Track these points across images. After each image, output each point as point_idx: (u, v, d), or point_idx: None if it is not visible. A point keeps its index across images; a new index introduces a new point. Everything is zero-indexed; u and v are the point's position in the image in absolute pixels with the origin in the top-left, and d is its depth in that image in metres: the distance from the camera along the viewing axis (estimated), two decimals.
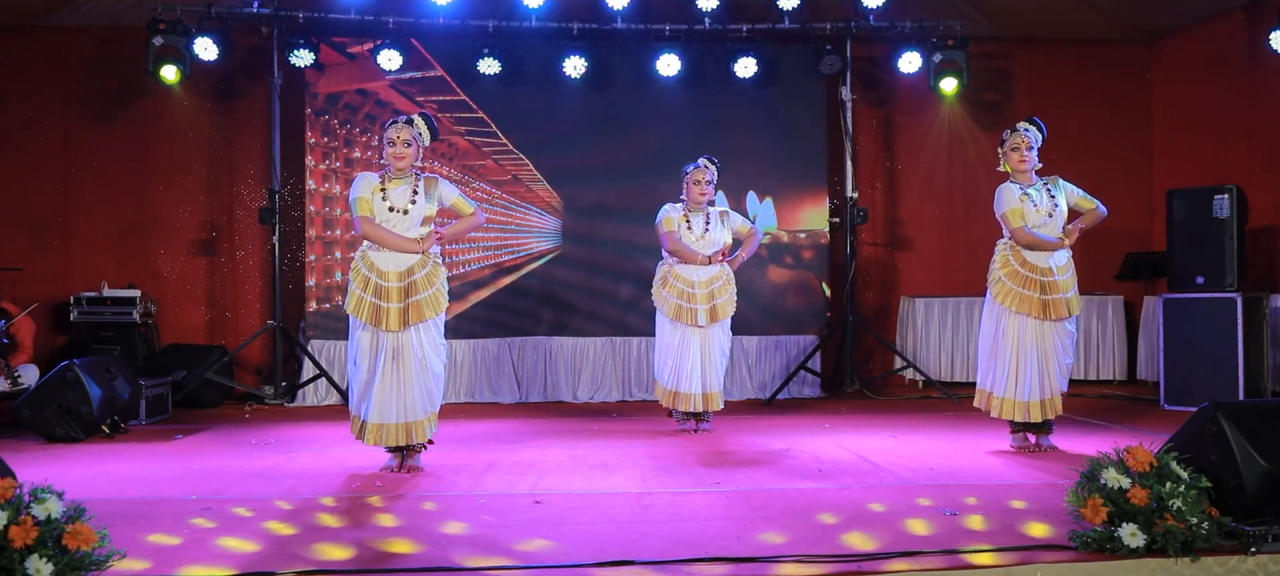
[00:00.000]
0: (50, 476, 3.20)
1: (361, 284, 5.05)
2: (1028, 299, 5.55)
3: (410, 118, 5.20)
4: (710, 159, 6.50)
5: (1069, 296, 5.58)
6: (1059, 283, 5.56)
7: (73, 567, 2.90)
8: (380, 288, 5.01)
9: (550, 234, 9.08)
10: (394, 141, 5.12)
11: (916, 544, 3.54)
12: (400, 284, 5.02)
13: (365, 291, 5.03)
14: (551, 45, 8.73)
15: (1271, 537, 3.34)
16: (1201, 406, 3.66)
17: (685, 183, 6.48)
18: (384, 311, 4.98)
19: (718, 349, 6.48)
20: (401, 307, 5.00)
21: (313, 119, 8.83)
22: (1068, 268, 5.64)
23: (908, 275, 9.67)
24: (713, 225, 6.45)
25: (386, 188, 5.10)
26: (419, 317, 5.01)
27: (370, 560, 3.45)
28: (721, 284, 6.46)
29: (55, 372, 6.29)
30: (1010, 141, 5.69)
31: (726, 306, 6.46)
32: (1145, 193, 9.66)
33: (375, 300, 5.00)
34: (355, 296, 5.05)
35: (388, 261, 5.05)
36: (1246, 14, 8.64)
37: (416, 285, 5.04)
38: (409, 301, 5.01)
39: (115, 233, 8.93)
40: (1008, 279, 5.63)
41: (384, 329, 4.98)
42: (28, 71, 8.81)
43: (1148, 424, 6.68)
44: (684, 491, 4.61)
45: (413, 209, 5.06)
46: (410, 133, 5.14)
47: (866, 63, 9.41)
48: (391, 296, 4.99)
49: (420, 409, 5.04)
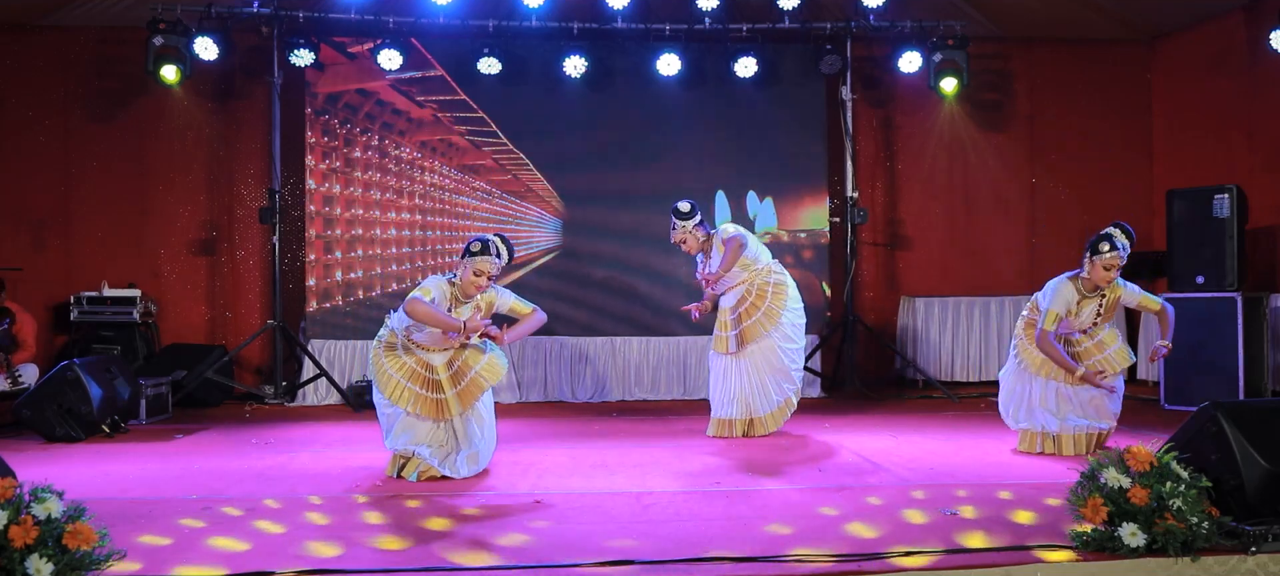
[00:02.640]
0: (50, 476, 3.20)
1: (407, 374, 4.95)
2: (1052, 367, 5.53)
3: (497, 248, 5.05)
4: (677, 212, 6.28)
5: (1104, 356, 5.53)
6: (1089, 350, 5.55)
7: (73, 567, 2.90)
8: (429, 380, 4.96)
9: (550, 234, 9.08)
10: (481, 272, 4.98)
11: (915, 542, 3.54)
12: (449, 372, 4.99)
13: (412, 381, 4.94)
14: (551, 45, 8.73)
15: (1271, 537, 3.34)
16: (1201, 406, 3.67)
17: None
18: (443, 403, 4.96)
19: (763, 371, 6.25)
20: (457, 393, 4.97)
21: (313, 119, 8.83)
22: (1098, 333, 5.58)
23: (908, 275, 9.67)
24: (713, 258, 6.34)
25: (453, 307, 5.03)
26: (479, 391, 5.01)
27: (369, 559, 3.45)
28: (748, 306, 6.26)
29: (55, 372, 6.29)
30: (1107, 258, 5.39)
31: (756, 328, 6.21)
32: (1145, 193, 9.66)
33: (428, 393, 4.94)
34: (397, 385, 4.93)
35: (437, 357, 5.02)
36: (1246, 14, 8.63)
37: (467, 363, 5.01)
38: (462, 386, 4.97)
39: (115, 233, 8.93)
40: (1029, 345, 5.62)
41: (446, 419, 4.98)
42: (28, 71, 8.81)
43: (1148, 424, 6.68)
44: (684, 491, 4.60)
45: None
46: (497, 267, 5.04)
47: (866, 63, 9.41)
48: (443, 387, 4.96)
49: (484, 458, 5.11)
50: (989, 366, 9.25)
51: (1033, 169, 9.74)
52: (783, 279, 6.36)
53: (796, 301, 6.39)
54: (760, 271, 6.32)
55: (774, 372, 6.27)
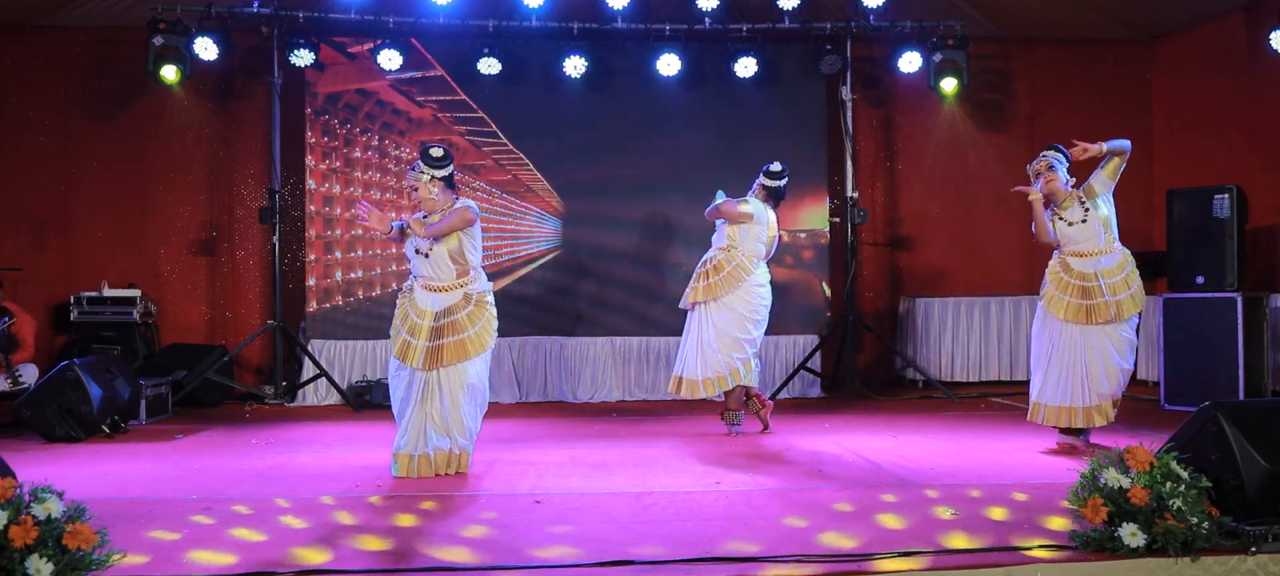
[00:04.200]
0: (50, 476, 3.20)
1: (401, 317, 5.14)
2: (1071, 305, 5.62)
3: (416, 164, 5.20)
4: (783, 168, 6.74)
5: (1118, 299, 5.61)
6: (1104, 287, 5.62)
7: (73, 567, 2.90)
8: (414, 325, 5.06)
9: (550, 234, 9.08)
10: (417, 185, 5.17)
11: (916, 543, 3.54)
12: (434, 323, 5.05)
13: (403, 326, 5.10)
14: (551, 45, 8.73)
15: (1271, 537, 3.34)
16: (1201, 406, 3.66)
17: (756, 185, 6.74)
18: (412, 349, 5.02)
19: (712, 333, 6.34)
20: (431, 347, 5.01)
21: (313, 119, 8.83)
22: (1116, 272, 5.68)
23: (908, 275, 9.66)
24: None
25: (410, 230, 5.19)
26: (456, 358, 5.01)
27: (368, 559, 3.45)
28: (717, 262, 6.41)
29: (55, 372, 6.29)
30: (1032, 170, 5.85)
31: (719, 286, 6.34)
32: (1145, 193, 9.65)
33: (407, 337, 5.05)
34: (393, 330, 5.15)
35: (427, 300, 5.10)
36: (1246, 14, 8.63)
37: (456, 325, 5.05)
38: (443, 342, 5.01)
39: (115, 233, 8.93)
40: (1053, 285, 5.73)
41: (411, 366, 5.02)
42: (28, 71, 8.81)
43: (1148, 424, 6.68)
44: (684, 491, 4.61)
45: (434, 251, 5.11)
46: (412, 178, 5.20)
47: (866, 63, 9.41)
48: (421, 333, 5.02)
49: (447, 445, 5.04)
50: (989, 366, 9.25)
51: None
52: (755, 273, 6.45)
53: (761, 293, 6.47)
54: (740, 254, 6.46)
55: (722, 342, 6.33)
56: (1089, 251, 5.67)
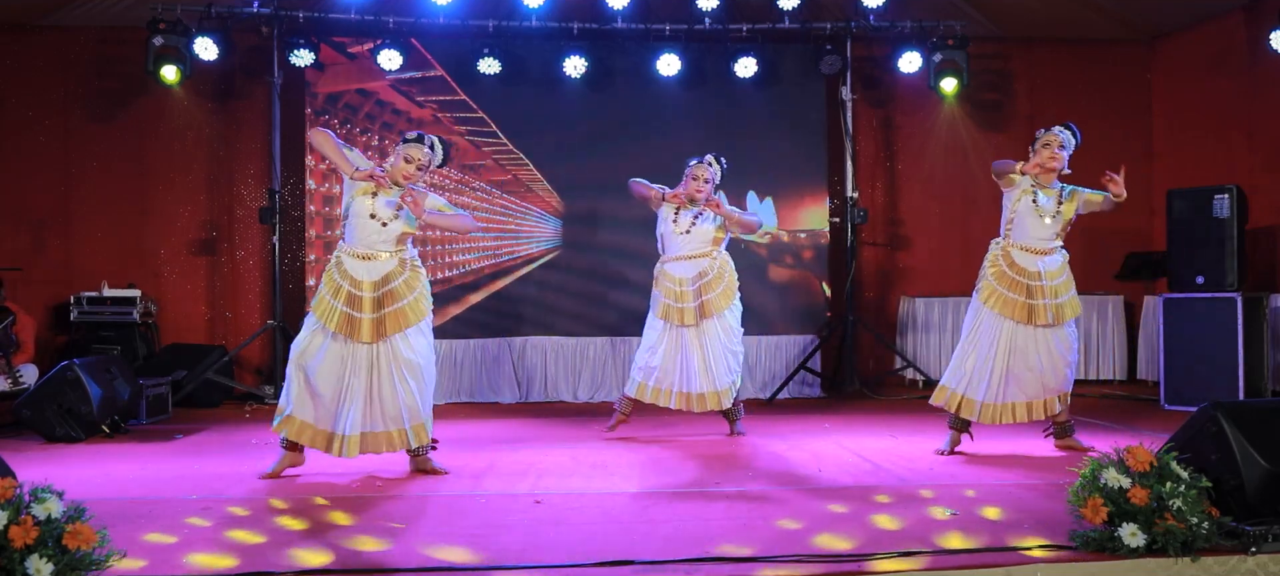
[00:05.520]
0: (50, 476, 3.20)
1: (333, 291, 4.93)
2: (1011, 302, 5.50)
3: (431, 140, 5.09)
4: (718, 158, 6.38)
5: (1059, 302, 5.50)
6: (1046, 287, 5.50)
7: (73, 567, 2.89)
8: (353, 297, 4.90)
9: (550, 234, 9.08)
10: (410, 159, 5.00)
11: (915, 543, 3.54)
12: (375, 294, 4.92)
13: (336, 299, 4.90)
14: (551, 45, 8.73)
15: (1272, 537, 3.34)
16: (1201, 406, 3.66)
17: (685, 175, 6.35)
18: (357, 322, 4.87)
19: (719, 346, 6.25)
20: (376, 319, 4.88)
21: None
22: (1059, 273, 5.57)
23: (908, 275, 9.67)
24: (702, 220, 6.31)
25: (377, 192, 5.00)
26: (398, 327, 4.91)
27: (369, 559, 3.45)
28: (712, 277, 6.28)
29: (55, 372, 6.29)
30: (1042, 138, 5.58)
31: (719, 301, 6.23)
32: (1145, 193, 9.64)
33: (347, 309, 4.88)
34: (325, 302, 4.91)
35: (363, 270, 4.95)
36: (1246, 14, 8.63)
37: (395, 293, 4.94)
38: (386, 311, 4.90)
39: (115, 233, 8.93)
40: (994, 279, 5.59)
41: (356, 340, 4.86)
42: (28, 71, 8.81)
43: (1148, 424, 6.68)
44: (684, 491, 4.60)
45: (392, 224, 4.98)
46: (426, 155, 5.04)
47: (866, 63, 9.41)
48: (365, 306, 4.89)
49: (406, 418, 4.94)
50: None
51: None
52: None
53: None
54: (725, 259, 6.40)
55: (727, 353, 6.28)
56: (1037, 249, 5.56)
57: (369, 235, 4.98)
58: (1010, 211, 5.68)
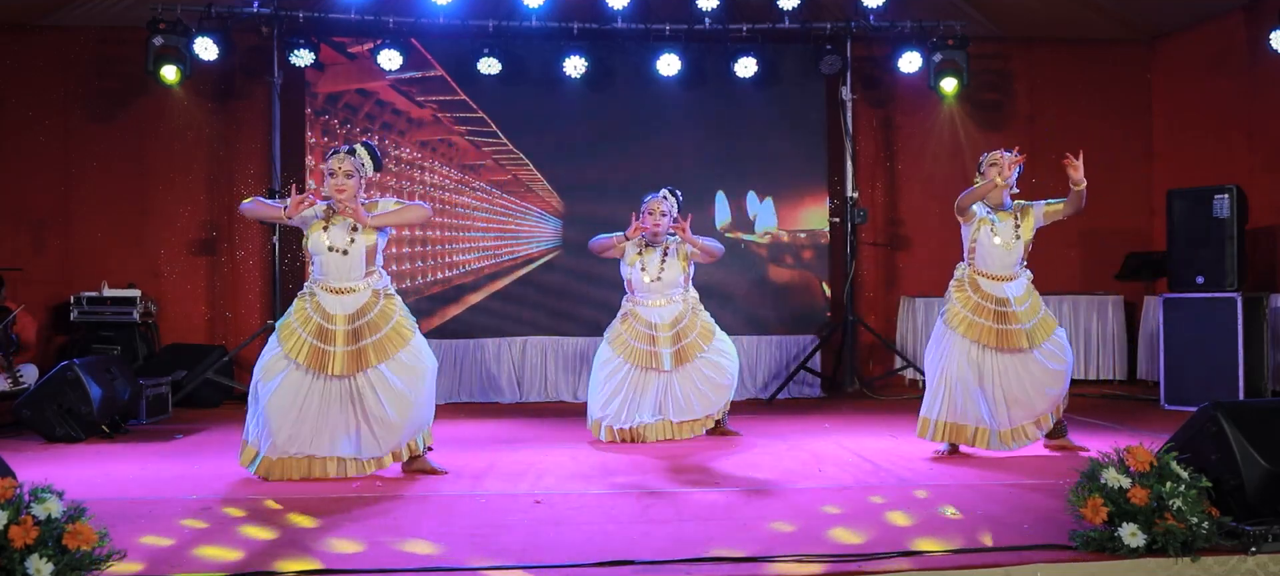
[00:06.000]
0: (50, 476, 3.20)
1: (302, 320, 4.84)
2: (978, 326, 5.42)
3: (352, 147, 4.93)
4: (672, 191, 6.26)
5: (1030, 326, 5.42)
6: (1015, 314, 5.43)
7: (73, 567, 2.89)
8: (325, 330, 4.80)
9: (550, 234, 9.08)
10: (335, 172, 4.84)
11: (915, 543, 3.54)
12: (349, 327, 4.83)
13: (304, 328, 4.81)
14: (551, 45, 8.73)
15: (1271, 537, 3.34)
16: (1201, 406, 3.66)
17: (641, 210, 6.22)
18: (328, 355, 4.77)
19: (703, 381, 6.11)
20: (352, 351, 4.79)
21: (313, 119, 8.83)
22: (1026, 298, 5.50)
23: (908, 275, 9.66)
24: (669, 262, 6.22)
25: (329, 224, 4.88)
26: (383, 355, 4.80)
27: (368, 559, 3.45)
28: (687, 322, 6.18)
29: (55, 372, 6.28)
30: (989, 158, 5.52)
31: (697, 343, 6.12)
32: (1145, 193, 9.66)
33: (317, 342, 4.78)
34: (293, 333, 4.81)
35: (336, 304, 4.86)
36: (1246, 14, 8.63)
37: (372, 323, 4.84)
38: (364, 343, 4.81)
39: (115, 233, 8.93)
40: (960, 304, 5.52)
41: (328, 374, 4.76)
42: (28, 71, 8.81)
43: (1148, 424, 6.68)
44: (684, 491, 4.60)
45: (352, 248, 4.87)
46: (352, 164, 4.86)
47: (866, 63, 9.41)
48: (337, 339, 4.79)
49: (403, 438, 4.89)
50: None
51: (1033, 169, 9.69)
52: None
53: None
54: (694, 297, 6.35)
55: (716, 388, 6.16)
56: (1001, 275, 5.51)
57: (335, 268, 4.89)
58: (970, 242, 5.61)
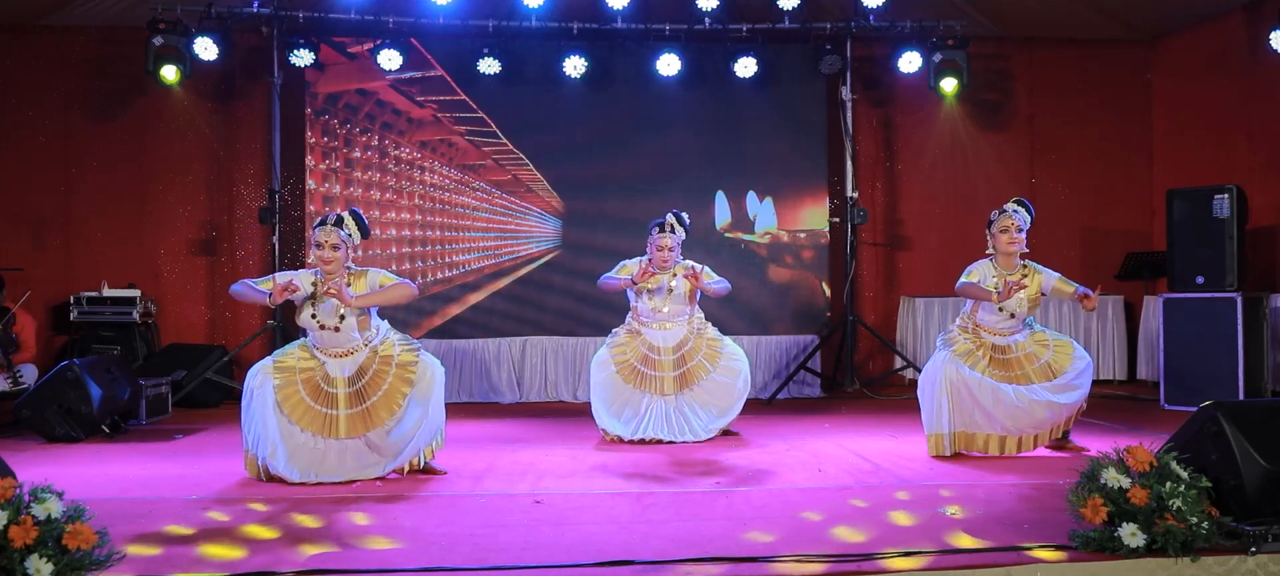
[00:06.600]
0: (50, 476, 3.20)
1: (304, 377, 4.78)
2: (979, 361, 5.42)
3: (339, 216, 4.85)
4: (679, 216, 6.17)
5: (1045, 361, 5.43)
6: (1019, 359, 5.44)
7: (73, 567, 2.89)
8: (326, 393, 4.75)
9: (550, 234, 9.08)
10: (321, 244, 4.76)
11: (914, 543, 3.54)
12: (350, 389, 4.80)
13: (305, 390, 4.76)
14: (551, 45, 8.73)
15: (1271, 537, 3.34)
16: (1201, 406, 3.66)
17: (649, 244, 6.19)
18: (333, 420, 4.74)
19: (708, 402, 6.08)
20: (358, 413, 4.75)
21: (313, 119, 8.83)
22: (1028, 344, 5.49)
23: (908, 275, 9.66)
24: (675, 292, 6.13)
25: (317, 302, 4.81)
26: (390, 410, 4.75)
27: (368, 559, 3.45)
28: (691, 346, 6.15)
29: (55, 372, 6.28)
30: (998, 222, 5.50)
31: (703, 365, 6.08)
32: (1145, 193, 9.66)
33: (321, 409, 4.74)
34: (294, 396, 4.73)
35: (335, 367, 4.81)
36: (1246, 14, 8.63)
37: (375, 381, 4.80)
38: (370, 403, 4.77)
39: (115, 233, 8.93)
40: (961, 336, 5.55)
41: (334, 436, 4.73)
42: (28, 71, 8.81)
43: (1148, 424, 6.68)
44: (684, 491, 4.60)
45: (344, 325, 4.82)
46: (338, 236, 4.78)
47: (866, 63, 9.41)
48: (339, 403, 4.76)
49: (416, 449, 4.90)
50: None
51: (1033, 169, 9.74)
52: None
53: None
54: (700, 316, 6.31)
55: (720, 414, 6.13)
56: (1004, 332, 5.53)
57: (329, 341, 4.87)
58: (973, 305, 5.61)
